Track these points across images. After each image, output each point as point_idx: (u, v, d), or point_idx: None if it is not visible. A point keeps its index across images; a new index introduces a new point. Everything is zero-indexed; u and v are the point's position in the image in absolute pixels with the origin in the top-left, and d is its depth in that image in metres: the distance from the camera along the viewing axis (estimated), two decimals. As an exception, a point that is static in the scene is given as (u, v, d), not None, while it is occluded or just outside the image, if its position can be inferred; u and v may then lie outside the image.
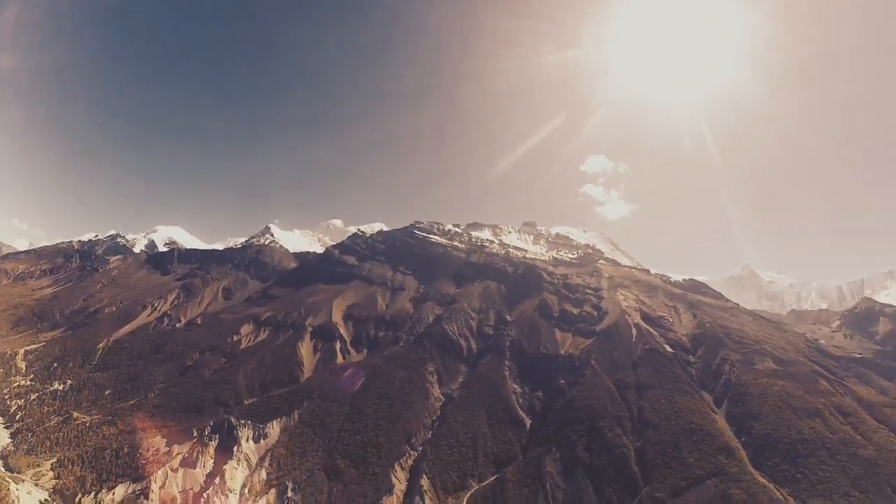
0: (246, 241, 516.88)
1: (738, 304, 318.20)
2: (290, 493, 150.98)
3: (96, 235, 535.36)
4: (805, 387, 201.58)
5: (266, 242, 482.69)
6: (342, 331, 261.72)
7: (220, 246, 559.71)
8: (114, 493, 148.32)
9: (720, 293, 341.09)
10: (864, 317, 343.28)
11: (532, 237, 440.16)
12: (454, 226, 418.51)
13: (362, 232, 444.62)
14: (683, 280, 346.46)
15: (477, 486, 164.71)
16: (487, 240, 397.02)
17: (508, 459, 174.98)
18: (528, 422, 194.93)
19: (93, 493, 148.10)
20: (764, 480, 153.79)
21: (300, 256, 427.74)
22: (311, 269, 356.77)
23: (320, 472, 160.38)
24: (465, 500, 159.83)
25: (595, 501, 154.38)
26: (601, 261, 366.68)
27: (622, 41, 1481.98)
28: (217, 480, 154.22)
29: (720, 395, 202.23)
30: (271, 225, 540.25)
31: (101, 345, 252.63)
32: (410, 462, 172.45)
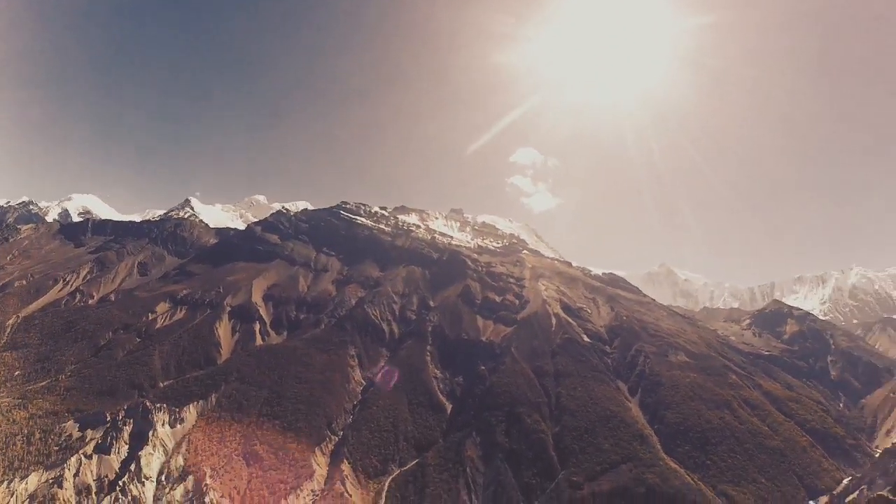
0: (164, 214, 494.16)
1: (654, 300, 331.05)
2: (208, 480, 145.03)
3: (8, 202, 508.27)
4: (715, 380, 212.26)
5: (185, 216, 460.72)
6: (262, 312, 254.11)
7: (137, 218, 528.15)
8: (26, 483, 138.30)
9: (638, 288, 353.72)
10: (773, 317, 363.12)
11: (458, 224, 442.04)
12: (381, 208, 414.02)
13: (287, 210, 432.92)
14: (603, 274, 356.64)
15: (398, 471, 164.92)
16: (414, 224, 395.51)
17: (429, 444, 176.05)
18: (448, 407, 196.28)
19: (4, 483, 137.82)
20: (676, 466, 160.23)
21: (221, 232, 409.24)
22: (232, 246, 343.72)
23: (239, 458, 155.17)
24: (387, 484, 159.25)
25: (514, 485, 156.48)
26: (525, 251, 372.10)
27: (560, 41, 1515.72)
28: (133, 467, 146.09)
29: (635, 384, 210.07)
30: (192, 198, 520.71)
31: (10, 322, 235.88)
32: (331, 447, 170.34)
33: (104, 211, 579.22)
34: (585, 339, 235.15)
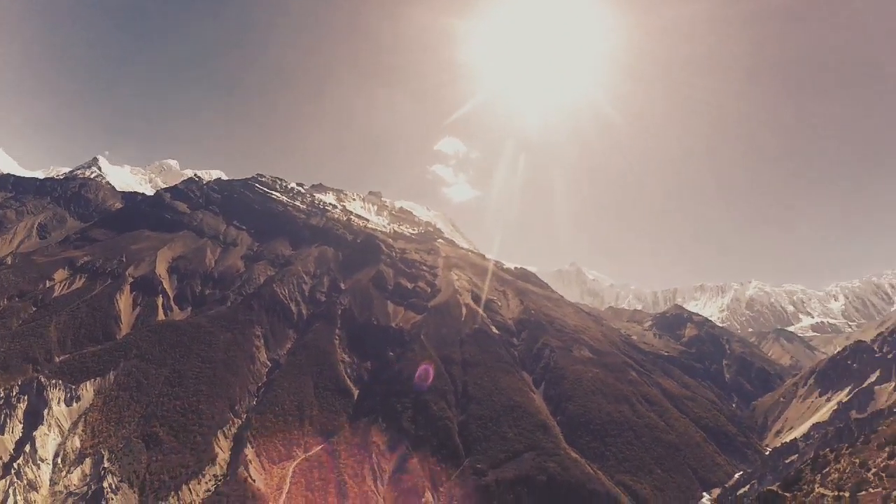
0: (69, 173, 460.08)
1: (562, 297, 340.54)
2: (106, 463, 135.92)
3: None
4: (616, 375, 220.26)
5: (92, 176, 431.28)
6: (166, 285, 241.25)
7: (40, 174, 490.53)
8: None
9: (547, 284, 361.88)
10: (673, 321, 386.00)
11: (376, 208, 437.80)
12: (298, 185, 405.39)
13: (199, 177, 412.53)
14: (515, 268, 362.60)
15: (303, 456, 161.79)
16: (330, 204, 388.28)
17: (335, 429, 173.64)
18: (355, 392, 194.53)
19: None
20: (576, 456, 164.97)
21: (128, 197, 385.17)
22: (139, 212, 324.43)
23: (138, 441, 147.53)
24: (291, 470, 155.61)
25: (419, 472, 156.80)
26: (440, 240, 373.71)
27: (497, 37, 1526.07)
28: (27, 448, 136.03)
29: (539, 376, 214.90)
30: (100, 157, 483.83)
31: None
32: (234, 430, 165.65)
33: (6, 164, 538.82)
34: (494, 330, 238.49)
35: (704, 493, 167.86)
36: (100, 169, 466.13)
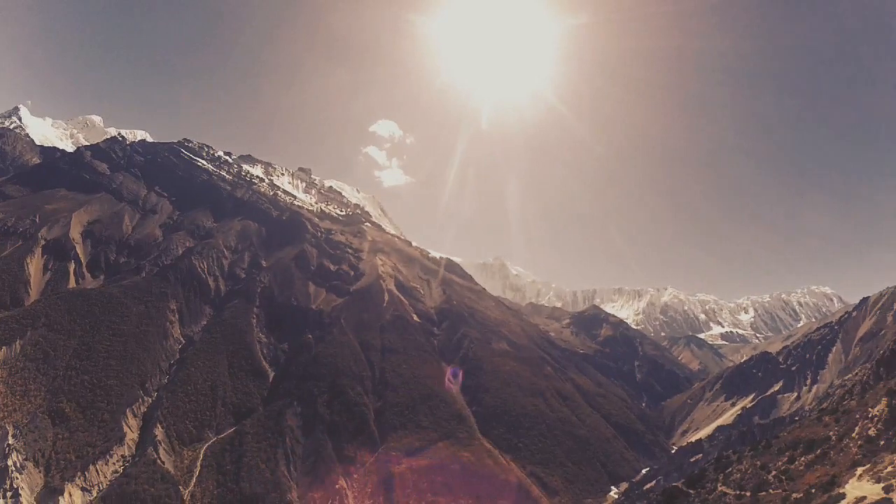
0: None
1: (485, 289, 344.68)
2: (10, 440, 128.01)
3: None
4: (533, 370, 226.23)
5: (11, 126, 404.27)
6: (79, 250, 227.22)
7: None
8: None
9: (471, 276, 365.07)
10: (590, 320, 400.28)
11: (304, 185, 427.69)
12: (226, 154, 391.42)
13: (123, 137, 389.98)
14: (440, 258, 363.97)
15: (214, 438, 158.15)
16: (258, 177, 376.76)
17: (248, 411, 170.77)
18: (271, 374, 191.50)
19: None
20: (490, 446, 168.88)
21: (46, 152, 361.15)
22: (57, 169, 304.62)
23: (44, 416, 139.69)
24: (202, 452, 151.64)
25: (334, 457, 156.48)
26: (368, 223, 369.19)
27: (446, 28, 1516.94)
28: None
29: (457, 366, 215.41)
30: (22, 106, 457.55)
31: None
32: (144, 409, 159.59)
33: None
34: (415, 318, 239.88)
35: (612, 487, 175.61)
36: (20, 119, 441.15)
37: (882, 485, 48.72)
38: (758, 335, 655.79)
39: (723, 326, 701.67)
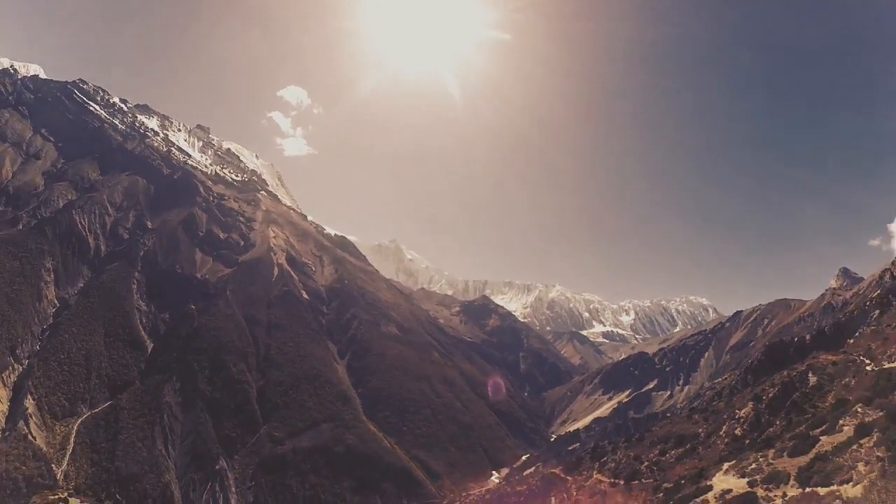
0: None
1: (378, 271, 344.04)
2: None
3: None
4: (420, 355, 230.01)
5: None
6: None
7: None
8: None
9: (365, 257, 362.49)
10: (480, 310, 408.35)
11: (201, 144, 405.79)
12: (122, 101, 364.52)
13: (14, 70, 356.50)
14: (335, 235, 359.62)
15: (88, 413, 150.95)
16: (152, 130, 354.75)
17: (125, 385, 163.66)
18: (150, 345, 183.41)
19: None
20: (375, 429, 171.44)
21: None
22: None
23: None
24: (76, 428, 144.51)
25: (213, 437, 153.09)
26: (263, 192, 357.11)
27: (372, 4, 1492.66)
28: None
29: (345, 347, 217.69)
30: None
31: None
32: (14, 378, 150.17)
33: None
34: (304, 295, 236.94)
35: (494, 472, 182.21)
36: None
37: (746, 480, 53.61)
38: (637, 336, 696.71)
39: (605, 326, 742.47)
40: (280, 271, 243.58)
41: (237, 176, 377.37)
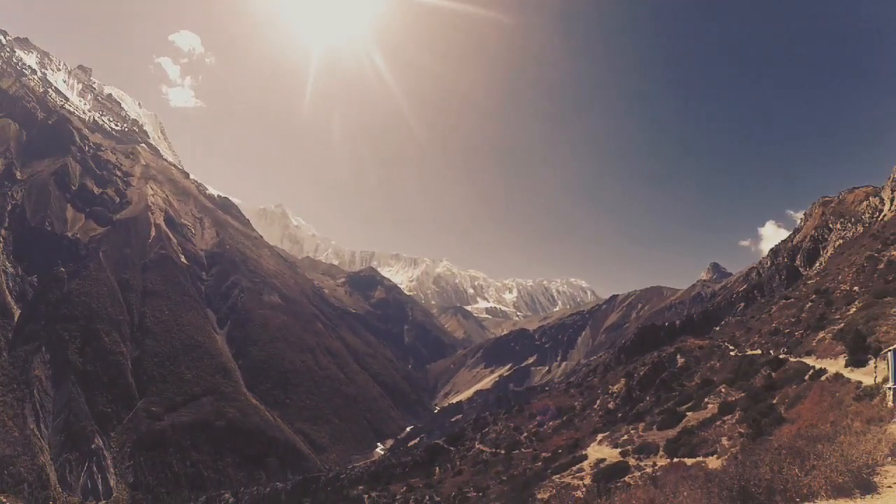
0: None
1: (262, 237, 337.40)
2: None
3: None
4: (303, 325, 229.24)
5: None
6: None
7: None
8: None
9: (248, 221, 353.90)
10: (366, 281, 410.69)
11: (81, 86, 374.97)
12: (0, 31, 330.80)
13: None
14: (218, 196, 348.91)
15: None
16: (30, 68, 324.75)
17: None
18: (17, 312, 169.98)
19: None
20: (256, 402, 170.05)
21: None
22: None
23: None
24: None
25: (87, 413, 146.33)
26: (144, 144, 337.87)
27: None
28: None
29: (225, 316, 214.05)
30: None
31: None
32: None
33: None
34: (183, 259, 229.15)
35: (378, 444, 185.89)
36: None
37: (619, 450, 58.58)
38: (518, 313, 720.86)
39: (488, 302, 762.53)
40: (157, 233, 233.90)
41: (117, 125, 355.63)
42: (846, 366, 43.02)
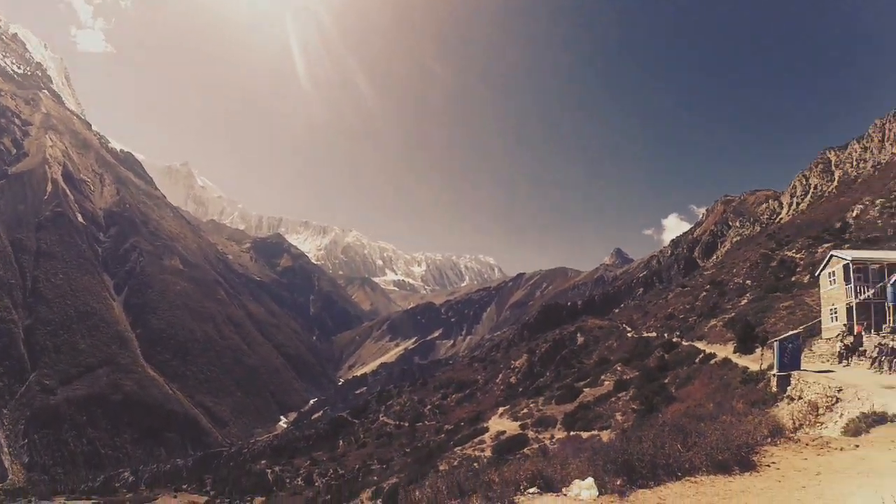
0: None
1: (165, 197, 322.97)
2: None
3: None
4: (205, 292, 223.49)
5: None
6: None
7: None
8: None
9: (152, 179, 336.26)
10: (272, 248, 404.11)
11: None
12: None
13: None
14: (121, 151, 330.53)
15: None
16: None
17: None
18: None
19: None
20: (155, 374, 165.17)
21: None
22: None
23: None
24: None
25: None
26: (46, 90, 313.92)
27: None
28: None
29: (123, 281, 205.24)
30: None
31: None
32: None
33: None
34: (80, 218, 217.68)
35: (282, 417, 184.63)
36: None
37: (518, 423, 61.43)
38: (426, 287, 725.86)
39: (397, 274, 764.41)
40: (54, 188, 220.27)
41: (20, 68, 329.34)
42: (735, 352, 47.00)
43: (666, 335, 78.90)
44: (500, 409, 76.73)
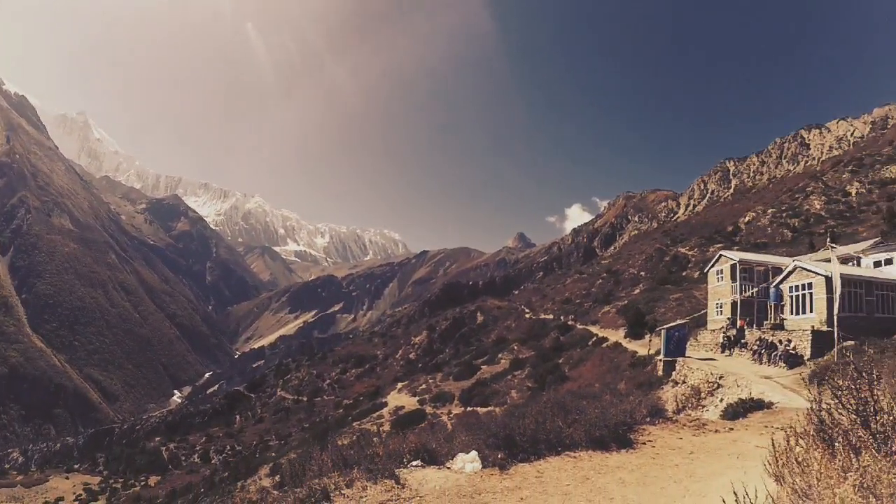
0: None
1: (57, 148, 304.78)
2: None
3: None
4: (95, 256, 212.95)
5: None
6: None
7: None
8: None
9: (45, 127, 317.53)
10: (169, 210, 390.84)
11: None
12: None
13: None
14: (15, 94, 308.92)
15: None
16: None
17: None
18: None
19: None
20: (42, 345, 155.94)
21: None
22: None
23: None
24: None
25: None
26: None
27: None
28: None
29: (8, 240, 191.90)
30: None
31: None
32: None
33: None
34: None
35: (175, 391, 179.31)
36: None
37: (417, 398, 63.59)
38: (329, 259, 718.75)
39: (299, 245, 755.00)
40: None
41: None
42: (625, 337, 50.86)
43: (562, 318, 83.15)
44: (400, 385, 78.80)
